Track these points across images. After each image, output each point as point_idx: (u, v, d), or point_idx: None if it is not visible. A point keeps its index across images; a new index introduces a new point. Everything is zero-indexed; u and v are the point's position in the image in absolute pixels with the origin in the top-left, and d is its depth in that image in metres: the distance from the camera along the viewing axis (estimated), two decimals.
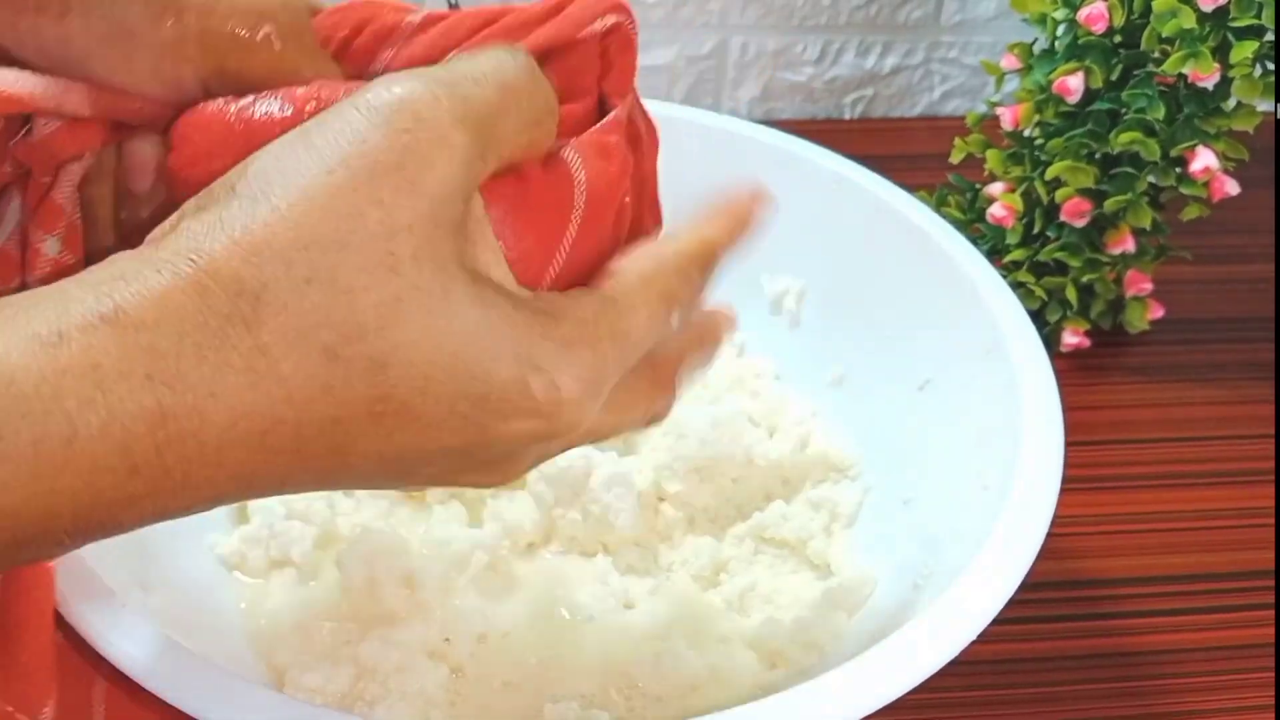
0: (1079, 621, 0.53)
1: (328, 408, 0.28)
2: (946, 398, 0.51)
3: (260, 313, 0.27)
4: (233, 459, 0.27)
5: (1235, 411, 0.64)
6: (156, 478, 0.26)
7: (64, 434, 0.25)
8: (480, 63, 0.31)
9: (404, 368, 0.28)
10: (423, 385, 0.29)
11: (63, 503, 0.25)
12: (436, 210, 0.29)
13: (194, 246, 0.27)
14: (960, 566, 0.40)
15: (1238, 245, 0.74)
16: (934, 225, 0.53)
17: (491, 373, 0.30)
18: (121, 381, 0.25)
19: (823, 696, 0.36)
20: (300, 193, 0.28)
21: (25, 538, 0.25)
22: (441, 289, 0.29)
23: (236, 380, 0.26)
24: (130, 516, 0.27)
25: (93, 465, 0.25)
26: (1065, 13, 0.60)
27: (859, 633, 0.47)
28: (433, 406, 0.29)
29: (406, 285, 0.28)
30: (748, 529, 0.51)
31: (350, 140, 0.28)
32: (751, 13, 0.81)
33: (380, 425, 0.29)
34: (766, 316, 0.58)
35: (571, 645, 0.47)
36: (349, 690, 0.44)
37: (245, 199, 0.28)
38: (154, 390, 0.26)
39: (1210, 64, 0.57)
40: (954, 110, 0.87)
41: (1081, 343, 0.65)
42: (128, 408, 0.25)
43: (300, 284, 0.27)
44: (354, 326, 0.27)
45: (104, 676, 0.37)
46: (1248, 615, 0.54)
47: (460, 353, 0.29)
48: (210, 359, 0.26)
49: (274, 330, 0.27)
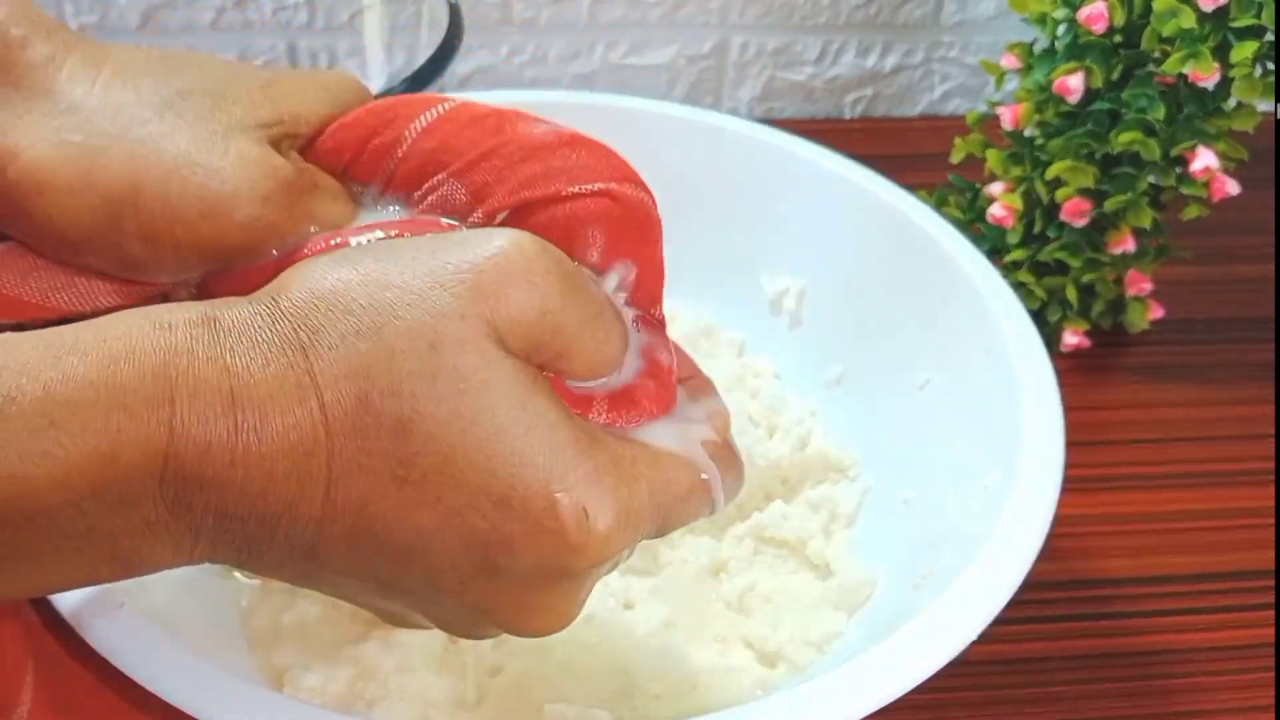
0: (1079, 622, 0.53)
1: (357, 453, 0.29)
2: (946, 398, 0.51)
3: (316, 346, 0.30)
4: (280, 471, 0.29)
5: (1235, 412, 0.64)
6: (222, 467, 0.29)
7: (167, 397, 0.29)
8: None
9: (427, 440, 0.29)
10: (443, 465, 0.30)
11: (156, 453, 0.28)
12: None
13: (280, 289, 0.31)
14: (960, 567, 0.40)
15: (1238, 245, 0.74)
16: (934, 225, 0.53)
17: (516, 476, 0.30)
18: (208, 365, 0.29)
19: (822, 696, 0.36)
20: (379, 268, 0.31)
21: (130, 473, 0.28)
22: (481, 381, 0.30)
23: (289, 394, 0.29)
24: (208, 483, 0.29)
25: (185, 432, 0.29)
26: (1065, 12, 0.60)
27: (859, 633, 0.47)
28: (452, 491, 0.30)
29: (445, 365, 0.30)
30: (747, 529, 0.51)
31: (450, 249, 0.31)
32: (751, 12, 0.81)
33: (403, 493, 0.30)
34: (766, 316, 0.58)
35: (571, 645, 0.47)
36: (348, 691, 0.44)
37: (331, 261, 0.32)
38: (230, 379, 0.29)
39: (1210, 64, 0.57)
40: (954, 110, 0.87)
41: (1082, 343, 0.65)
42: (210, 385, 0.29)
43: (351, 334, 0.30)
44: (389, 383, 0.29)
45: (102, 676, 0.37)
46: (1248, 615, 0.54)
47: (486, 447, 0.30)
48: (272, 369, 0.29)
49: (323, 363, 0.30)
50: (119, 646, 0.36)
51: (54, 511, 0.28)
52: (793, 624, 0.48)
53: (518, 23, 0.80)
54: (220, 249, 0.34)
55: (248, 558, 0.31)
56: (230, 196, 0.34)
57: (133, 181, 0.34)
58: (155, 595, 0.42)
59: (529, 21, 0.80)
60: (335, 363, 0.29)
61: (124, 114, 0.34)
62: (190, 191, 0.34)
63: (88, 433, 0.28)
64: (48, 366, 0.28)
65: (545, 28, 0.81)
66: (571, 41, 0.81)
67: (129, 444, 0.28)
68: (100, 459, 0.28)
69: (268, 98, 0.36)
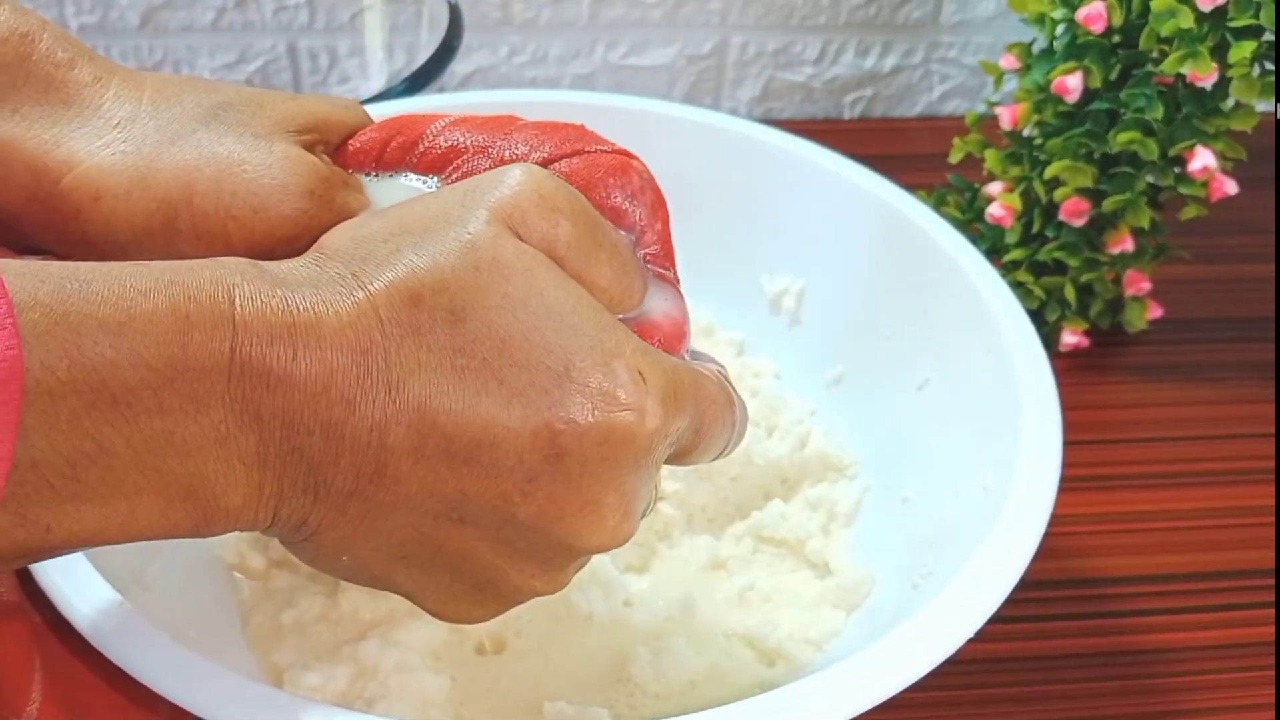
0: (1078, 620, 0.53)
1: (415, 349, 0.31)
2: (945, 397, 0.51)
3: (364, 267, 0.32)
4: (340, 367, 0.30)
5: (1233, 411, 0.64)
6: (286, 362, 0.30)
7: (228, 297, 0.30)
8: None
9: (481, 326, 0.31)
10: (501, 347, 0.31)
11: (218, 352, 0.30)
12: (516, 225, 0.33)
13: (322, 244, 0.34)
14: (958, 565, 0.40)
15: (1236, 245, 0.74)
16: (933, 225, 0.53)
17: (573, 349, 0.32)
18: (261, 281, 0.31)
19: (820, 693, 0.36)
20: (408, 209, 0.34)
21: (200, 362, 0.29)
22: (524, 268, 0.32)
23: (340, 300, 0.31)
24: (273, 380, 0.30)
25: (247, 326, 0.30)
26: (1064, 13, 0.60)
27: (857, 631, 0.47)
28: (512, 373, 0.31)
29: (485, 258, 0.31)
30: (746, 528, 0.52)
31: (470, 184, 0.34)
32: (751, 12, 0.81)
33: (464, 382, 0.31)
34: (766, 316, 0.58)
35: (571, 643, 0.47)
36: (348, 689, 0.44)
37: (366, 216, 0.35)
38: (283, 290, 0.31)
39: (1208, 64, 0.57)
40: (953, 110, 0.87)
41: (1080, 342, 0.66)
42: (265, 294, 0.31)
43: (394, 254, 0.32)
44: (436, 281, 0.31)
45: (108, 675, 0.37)
46: (1247, 614, 0.54)
47: (540, 326, 0.31)
48: (324, 286, 0.31)
49: (370, 276, 0.31)
50: (118, 644, 0.36)
51: (135, 396, 0.28)
52: (792, 622, 0.48)
53: (518, 23, 0.80)
54: (268, 242, 0.36)
55: (315, 500, 0.31)
56: (279, 191, 0.36)
57: (186, 183, 0.36)
58: (156, 595, 0.42)
59: (529, 22, 0.80)
60: (383, 274, 0.31)
61: (172, 125, 0.37)
62: (243, 188, 0.36)
63: (159, 315, 0.29)
64: (117, 271, 0.29)
65: (545, 28, 0.81)
66: (572, 42, 0.81)
67: (197, 329, 0.29)
68: (171, 337, 0.29)
69: (300, 107, 0.38)
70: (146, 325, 0.29)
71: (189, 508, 0.30)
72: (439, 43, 0.63)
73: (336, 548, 0.33)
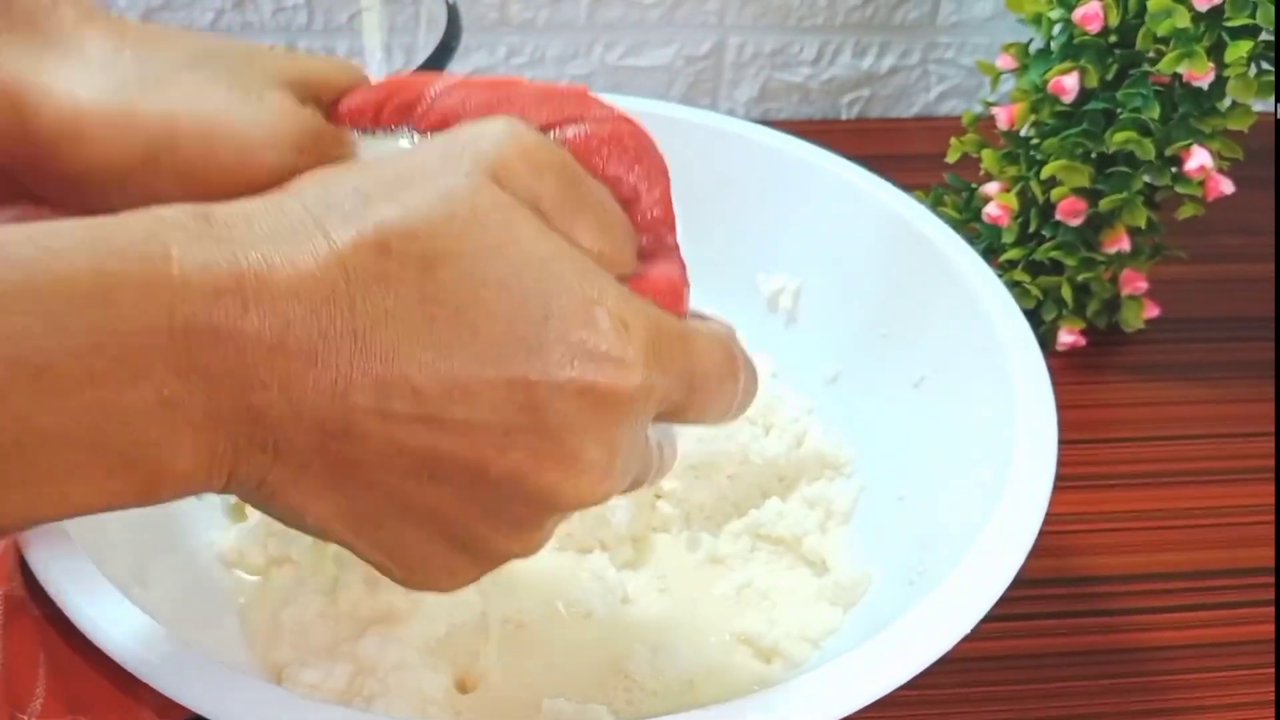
0: (1075, 618, 0.53)
1: (382, 297, 0.29)
2: (942, 396, 0.51)
3: (328, 213, 0.30)
4: (298, 316, 0.28)
5: (1230, 410, 0.64)
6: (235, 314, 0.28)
7: (161, 251, 0.28)
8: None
9: (454, 274, 0.29)
10: (475, 295, 0.29)
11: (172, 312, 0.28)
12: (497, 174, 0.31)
13: (288, 187, 0.32)
14: (954, 563, 0.40)
15: (1233, 244, 0.74)
16: (930, 224, 0.53)
17: (551, 297, 0.30)
18: (202, 223, 0.29)
19: (817, 691, 0.36)
20: (388, 163, 0.32)
21: (130, 321, 0.28)
22: (502, 218, 0.30)
23: (297, 243, 0.29)
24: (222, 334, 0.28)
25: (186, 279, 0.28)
26: (1060, 13, 0.60)
27: (854, 628, 0.47)
28: (487, 322, 0.29)
29: (461, 206, 0.30)
30: (744, 525, 0.52)
31: (452, 136, 0.33)
32: (749, 13, 0.81)
33: (436, 332, 0.29)
34: (762, 314, 0.59)
35: (569, 640, 0.47)
36: (347, 687, 0.44)
37: (341, 168, 0.33)
38: (228, 232, 0.29)
39: (1205, 63, 0.57)
40: (950, 110, 0.87)
41: (1077, 341, 0.66)
42: (209, 238, 0.29)
43: (363, 203, 0.30)
44: (407, 229, 0.29)
45: (110, 672, 0.37)
46: (1247, 612, 0.54)
47: (518, 273, 0.30)
48: (280, 238, 0.29)
49: (333, 221, 0.29)
50: (118, 641, 0.36)
51: (59, 365, 0.27)
52: (789, 619, 0.48)
53: (516, 23, 0.81)
54: (249, 193, 0.34)
55: (275, 459, 0.30)
56: (266, 141, 0.35)
57: (171, 125, 0.34)
58: (155, 593, 0.42)
59: (527, 22, 0.80)
60: (350, 223, 0.29)
61: (156, 68, 0.35)
62: (228, 135, 0.35)
63: (77, 276, 0.27)
64: (29, 231, 0.28)
65: (543, 28, 0.81)
66: (569, 42, 0.81)
67: (125, 288, 0.27)
68: (92, 299, 0.27)
69: (293, 62, 0.37)
70: (61, 288, 0.27)
71: (131, 477, 0.29)
72: (437, 43, 0.63)
73: (299, 506, 0.31)
